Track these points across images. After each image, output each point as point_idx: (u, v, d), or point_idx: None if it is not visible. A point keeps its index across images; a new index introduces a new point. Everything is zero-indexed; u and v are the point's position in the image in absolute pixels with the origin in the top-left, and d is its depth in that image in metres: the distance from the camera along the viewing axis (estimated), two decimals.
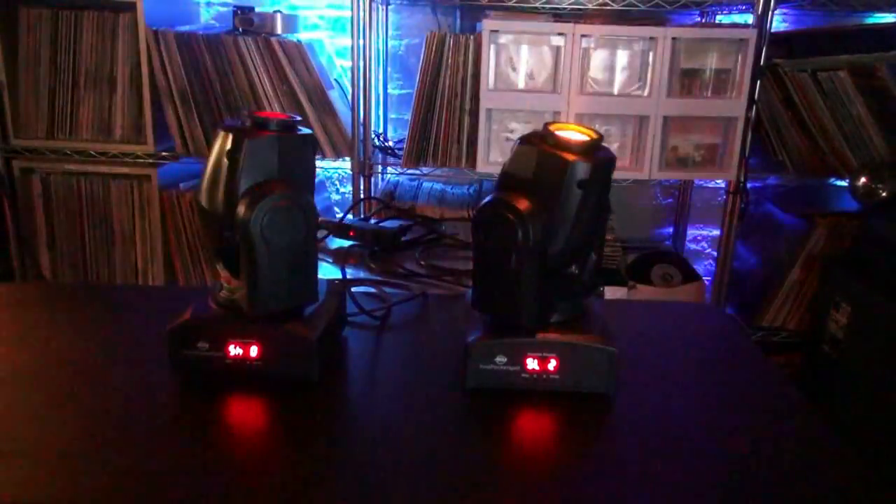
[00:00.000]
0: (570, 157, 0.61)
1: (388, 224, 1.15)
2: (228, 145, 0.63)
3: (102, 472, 0.53)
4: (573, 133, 0.64)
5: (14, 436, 0.57)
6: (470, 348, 0.65)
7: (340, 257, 1.08)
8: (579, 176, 0.61)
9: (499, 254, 0.63)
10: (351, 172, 1.72)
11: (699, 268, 2.06)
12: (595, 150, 0.63)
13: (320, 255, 0.99)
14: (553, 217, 0.62)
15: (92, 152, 1.69)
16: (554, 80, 1.57)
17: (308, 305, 0.69)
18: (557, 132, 0.63)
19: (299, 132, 0.66)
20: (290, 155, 0.65)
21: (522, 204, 0.62)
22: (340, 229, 1.12)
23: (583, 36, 1.52)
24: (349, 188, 1.74)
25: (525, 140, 0.64)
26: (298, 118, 0.67)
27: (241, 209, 0.62)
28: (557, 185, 0.61)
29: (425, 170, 1.70)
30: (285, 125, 0.65)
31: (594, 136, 0.63)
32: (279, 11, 1.73)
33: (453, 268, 1.01)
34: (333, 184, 2.07)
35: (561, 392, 0.65)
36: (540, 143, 0.63)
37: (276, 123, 0.64)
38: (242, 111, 1.29)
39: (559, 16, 1.67)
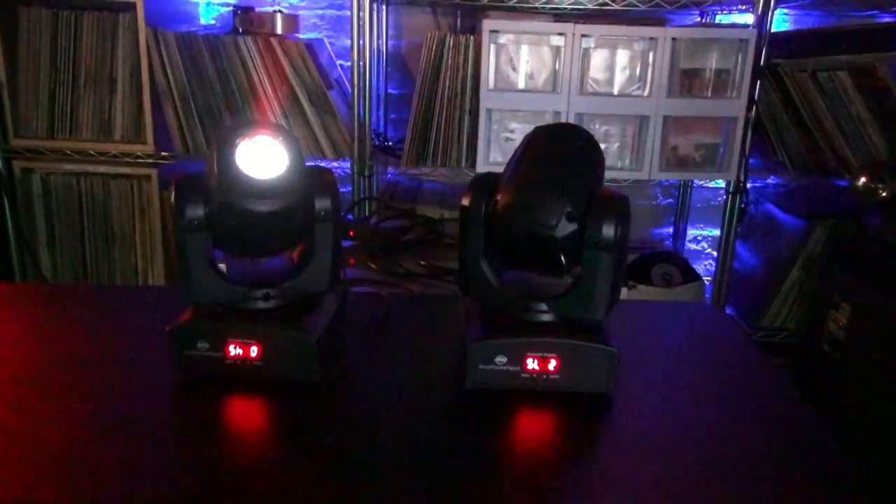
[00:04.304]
0: None
1: (387, 224, 1.15)
2: (286, 160, 0.62)
3: (102, 472, 0.53)
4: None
5: (13, 436, 0.57)
6: (470, 348, 0.65)
7: None
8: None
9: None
10: (351, 172, 1.72)
11: (699, 268, 2.06)
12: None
13: None
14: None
15: (92, 152, 1.68)
16: (554, 80, 1.57)
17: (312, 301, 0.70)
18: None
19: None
20: None
21: (486, 176, 0.65)
22: (340, 229, 1.12)
23: (583, 36, 1.52)
24: (349, 188, 1.74)
25: None
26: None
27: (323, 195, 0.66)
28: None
29: (425, 170, 1.70)
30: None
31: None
32: (279, 11, 1.73)
33: (453, 268, 1.01)
34: None
35: (561, 392, 0.65)
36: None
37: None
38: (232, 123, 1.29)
39: (559, 16, 1.67)
